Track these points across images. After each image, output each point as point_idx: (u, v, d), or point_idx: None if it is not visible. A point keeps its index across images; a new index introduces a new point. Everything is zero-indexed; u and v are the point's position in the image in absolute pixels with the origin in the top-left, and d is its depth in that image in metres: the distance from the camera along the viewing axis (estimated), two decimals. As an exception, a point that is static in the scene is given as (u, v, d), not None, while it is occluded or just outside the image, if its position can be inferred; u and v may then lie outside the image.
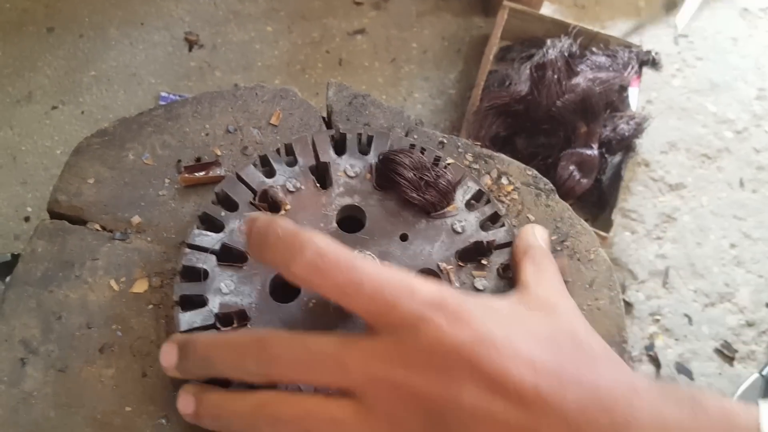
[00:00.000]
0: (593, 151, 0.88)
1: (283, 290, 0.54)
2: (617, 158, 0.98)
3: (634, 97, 1.02)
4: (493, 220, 0.58)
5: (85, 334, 0.52)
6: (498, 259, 0.56)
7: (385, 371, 0.40)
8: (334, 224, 0.55)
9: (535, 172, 0.63)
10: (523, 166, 0.63)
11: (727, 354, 1.04)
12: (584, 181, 0.87)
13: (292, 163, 0.58)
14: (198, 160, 0.60)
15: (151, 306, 0.53)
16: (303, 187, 0.57)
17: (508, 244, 0.57)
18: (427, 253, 0.55)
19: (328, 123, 0.64)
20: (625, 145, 0.98)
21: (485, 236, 0.56)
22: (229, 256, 0.53)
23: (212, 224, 0.55)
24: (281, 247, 0.43)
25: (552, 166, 0.84)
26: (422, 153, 0.58)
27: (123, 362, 0.51)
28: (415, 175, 0.55)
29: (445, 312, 0.41)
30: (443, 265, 0.55)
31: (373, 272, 0.42)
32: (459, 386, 0.40)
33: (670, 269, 1.09)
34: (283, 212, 0.55)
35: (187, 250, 0.53)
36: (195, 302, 0.51)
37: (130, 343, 0.52)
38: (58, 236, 0.55)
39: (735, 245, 1.12)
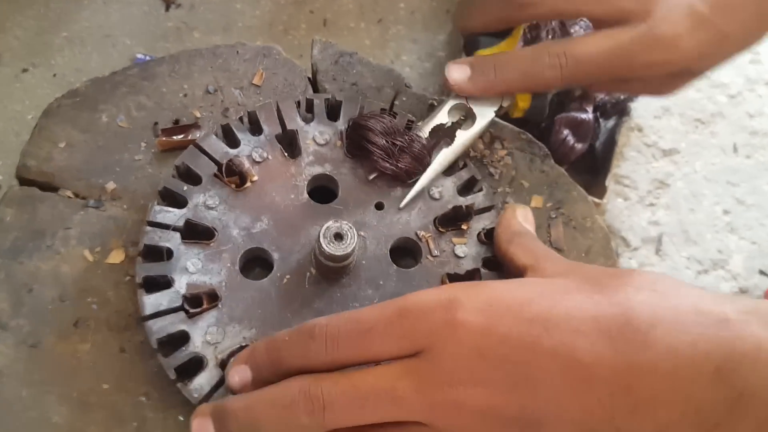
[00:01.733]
0: (588, 115, 0.85)
1: (254, 266, 0.52)
2: (611, 123, 0.96)
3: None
4: (471, 184, 0.56)
5: (58, 308, 0.49)
6: (478, 224, 0.54)
7: (443, 393, 0.37)
8: (306, 195, 0.53)
9: (530, 136, 0.60)
10: (518, 129, 0.60)
11: (719, 321, 1.03)
12: (579, 146, 0.85)
13: (256, 132, 0.54)
14: (176, 122, 0.57)
15: (128, 278, 0.51)
16: (270, 156, 0.53)
17: (488, 209, 0.54)
18: (405, 221, 0.53)
19: (314, 83, 0.61)
20: (619, 109, 0.96)
21: (463, 201, 0.54)
22: (194, 233, 0.50)
23: (174, 200, 0.51)
24: (294, 346, 0.41)
25: (544, 131, 0.81)
26: (394, 117, 0.55)
27: (99, 337, 0.49)
28: (387, 141, 0.52)
29: (472, 305, 0.38)
30: (422, 233, 0.53)
31: (376, 314, 0.39)
32: (529, 381, 0.37)
33: (663, 236, 1.07)
34: (249, 184, 0.52)
35: (148, 228, 0.49)
36: (160, 283, 0.48)
37: (106, 317, 0.49)
38: (28, 204, 0.52)
39: (728, 211, 1.10)
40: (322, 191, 0.54)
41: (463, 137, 0.55)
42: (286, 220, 0.51)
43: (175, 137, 0.55)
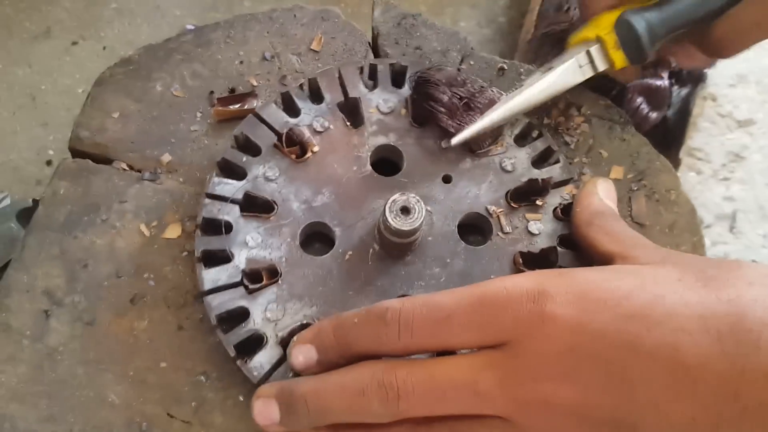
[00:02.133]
0: (663, 81, 0.80)
1: (315, 241, 0.49)
2: (684, 91, 0.90)
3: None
4: (546, 155, 0.51)
5: (114, 284, 0.47)
6: (554, 199, 0.50)
7: (529, 390, 0.35)
8: (369, 167, 0.49)
9: (609, 101, 0.56)
10: (595, 95, 0.56)
11: (796, 303, 0.98)
12: (653, 114, 0.79)
13: (317, 100, 0.51)
14: (232, 91, 0.54)
15: (185, 253, 0.48)
16: (332, 126, 0.50)
17: (566, 182, 0.50)
18: (474, 195, 0.49)
19: (375, 47, 0.57)
20: (696, 76, 0.90)
21: (539, 174, 0.50)
22: (253, 206, 0.47)
23: (233, 171, 0.49)
24: (364, 329, 0.38)
25: (616, 99, 0.76)
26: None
27: (157, 314, 0.47)
28: (451, 96, 0.48)
29: (563, 298, 0.35)
30: (492, 208, 0.49)
31: (454, 300, 0.37)
32: (625, 382, 0.34)
33: (737, 213, 1.02)
34: (309, 155, 0.49)
35: (207, 200, 0.47)
36: (219, 258, 0.46)
37: (163, 293, 0.47)
38: (82, 177, 0.50)
39: (807, 186, 1.04)
40: (386, 163, 0.51)
41: (540, 84, 0.49)
42: (348, 193, 0.48)
43: (231, 107, 0.53)
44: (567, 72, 0.49)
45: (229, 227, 0.47)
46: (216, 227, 0.47)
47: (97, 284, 0.47)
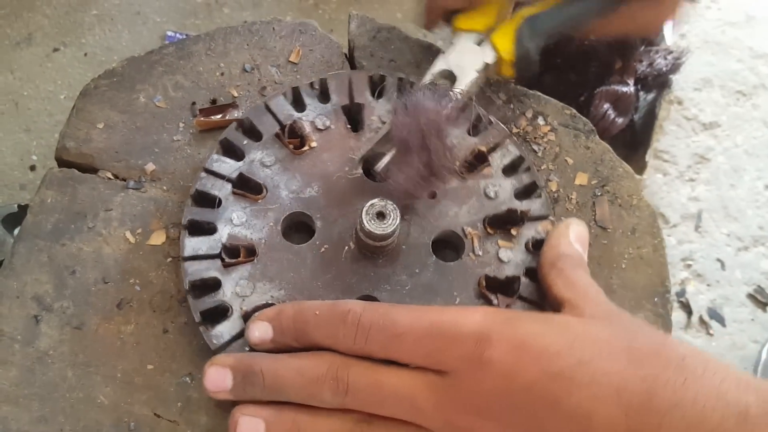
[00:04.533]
0: (629, 88, 0.83)
1: (296, 230, 0.52)
2: (651, 96, 0.93)
3: (669, 30, 0.97)
4: (530, 190, 0.53)
5: (101, 289, 0.49)
6: (528, 231, 0.52)
7: (459, 417, 0.39)
8: (360, 170, 0.52)
9: (574, 111, 0.59)
10: (561, 104, 0.59)
11: (760, 299, 1.02)
12: (620, 120, 0.82)
13: (325, 100, 0.54)
14: (214, 101, 0.56)
15: (170, 259, 0.50)
16: (333, 126, 0.53)
17: (543, 218, 0.52)
18: (454, 213, 0.51)
19: (351, 59, 0.59)
20: (661, 82, 0.93)
21: (519, 205, 0.52)
22: (245, 187, 0.50)
23: (233, 151, 0.52)
24: (324, 324, 0.42)
25: (584, 105, 0.79)
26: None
27: (143, 318, 0.49)
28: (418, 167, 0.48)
29: (503, 346, 0.38)
30: (469, 229, 0.51)
31: (410, 321, 0.40)
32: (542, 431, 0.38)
33: (702, 212, 1.05)
34: (307, 148, 0.52)
35: (204, 174, 0.50)
36: (203, 228, 0.49)
37: (149, 298, 0.49)
38: (68, 185, 0.52)
39: (770, 187, 1.08)
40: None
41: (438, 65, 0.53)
42: (336, 191, 0.51)
43: (213, 117, 0.54)
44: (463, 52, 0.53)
45: (218, 203, 0.50)
46: (207, 200, 0.49)
47: (85, 290, 0.49)
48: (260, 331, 0.43)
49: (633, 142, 0.90)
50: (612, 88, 0.81)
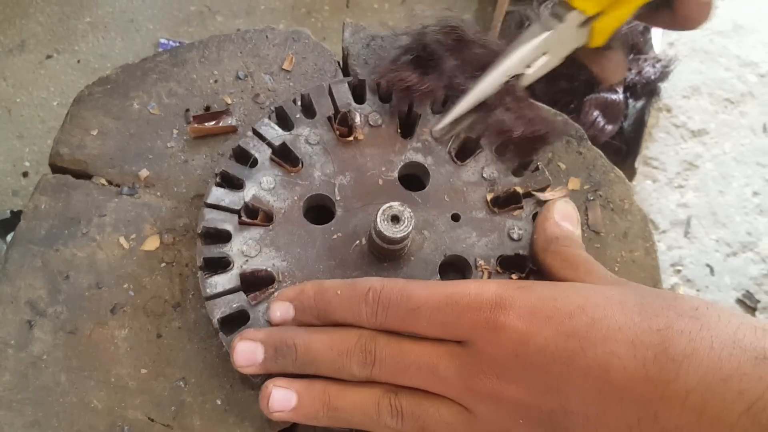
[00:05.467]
0: (618, 96, 0.84)
1: (316, 212, 0.53)
2: (640, 103, 0.94)
3: (658, 39, 0.98)
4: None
5: (95, 295, 0.49)
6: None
7: (480, 383, 0.40)
8: (395, 174, 0.52)
9: (566, 117, 0.60)
10: (553, 111, 0.59)
11: (749, 304, 1.02)
12: (609, 127, 0.83)
13: (386, 101, 0.55)
14: (207, 109, 0.56)
15: (163, 264, 0.51)
16: (385, 126, 0.54)
17: None
18: (471, 242, 0.51)
19: (345, 67, 0.60)
20: (649, 89, 0.94)
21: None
22: (283, 156, 0.52)
23: (284, 121, 0.54)
24: (346, 303, 0.43)
25: (574, 112, 0.80)
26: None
27: (136, 323, 0.49)
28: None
29: (516, 311, 0.39)
30: (481, 262, 0.50)
31: (426, 294, 0.41)
32: (561, 391, 0.38)
33: (692, 218, 1.07)
34: (352, 139, 0.53)
35: (250, 133, 0.52)
36: (232, 182, 0.51)
37: (143, 303, 0.50)
38: (62, 191, 0.52)
39: (758, 193, 1.09)
40: (413, 178, 0.54)
41: (517, 55, 0.52)
42: (366, 186, 0.52)
43: (206, 124, 0.55)
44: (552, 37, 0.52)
45: (254, 163, 0.51)
46: (244, 158, 0.51)
47: (79, 295, 0.49)
48: (281, 310, 0.45)
49: (622, 148, 0.91)
50: (601, 96, 0.82)
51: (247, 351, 0.43)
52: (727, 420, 0.34)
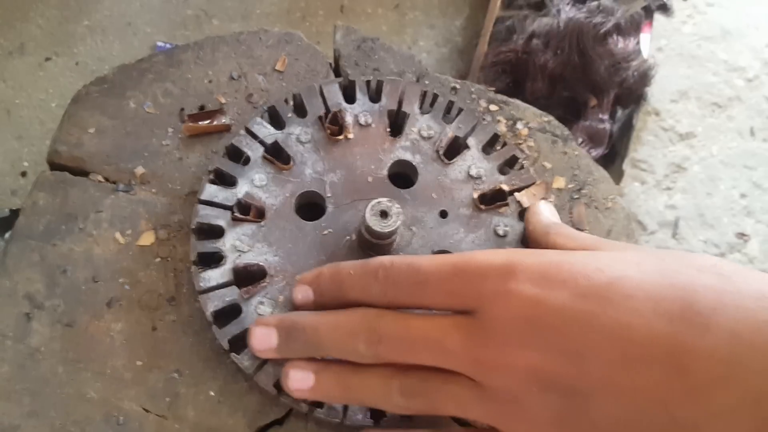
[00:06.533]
0: (604, 124, 0.86)
1: (307, 208, 0.54)
2: (628, 108, 0.96)
3: (646, 44, 1.00)
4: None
5: (91, 288, 0.51)
6: None
7: (490, 352, 0.38)
8: (385, 172, 0.54)
9: (551, 118, 0.61)
10: (539, 111, 0.61)
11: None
12: (594, 152, 0.86)
13: (376, 100, 0.57)
14: (202, 108, 0.58)
15: (158, 259, 0.52)
16: (374, 125, 0.55)
17: None
18: (459, 239, 0.52)
19: (336, 69, 0.61)
20: (635, 98, 0.96)
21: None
22: (275, 154, 0.53)
23: (276, 120, 0.55)
24: (358, 281, 0.43)
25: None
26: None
27: (132, 316, 0.50)
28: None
29: (526, 275, 0.38)
30: None
31: (434, 266, 0.40)
32: (579, 354, 0.35)
33: (680, 220, 1.08)
34: (342, 138, 0.54)
35: (242, 132, 0.54)
36: (225, 179, 0.52)
37: (138, 297, 0.51)
38: (60, 188, 0.54)
39: (745, 195, 1.11)
40: (402, 176, 0.55)
41: None
42: (356, 184, 0.53)
43: (201, 123, 0.56)
44: None
45: (247, 161, 0.52)
46: (237, 155, 0.53)
47: (76, 289, 0.50)
48: (302, 293, 0.45)
49: (611, 151, 0.93)
50: (588, 124, 0.84)
51: (262, 335, 0.44)
52: (760, 370, 0.32)
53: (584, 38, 0.89)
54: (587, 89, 0.87)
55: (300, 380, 0.44)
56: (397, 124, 0.56)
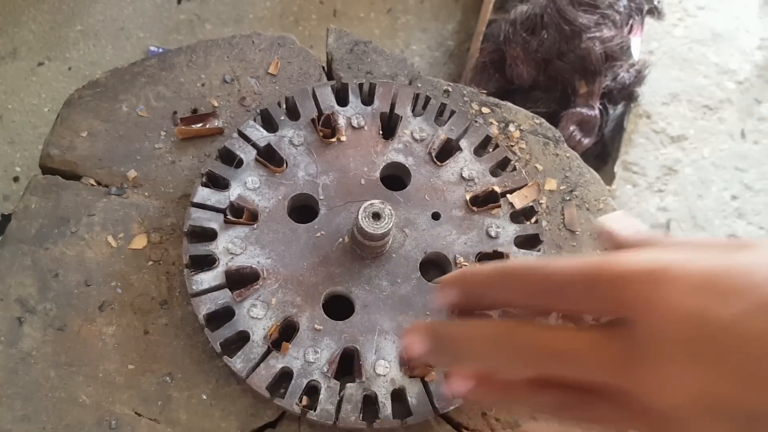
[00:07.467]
0: (594, 111, 0.86)
1: (300, 211, 0.54)
2: (619, 109, 0.96)
3: (637, 47, 1.00)
4: (533, 242, 0.55)
5: (83, 292, 0.51)
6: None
7: (649, 372, 0.33)
8: (377, 174, 0.54)
9: (543, 120, 0.61)
10: (531, 114, 0.61)
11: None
12: (585, 140, 0.86)
13: (368, 103, 0.57)
14: (194, 111, 0.58)
15: (150, 262, 0.52)
16: (367, 128, 0.55)
17: None
18: (451, 240, 0.53)
19: (329, 72, 0.62)
20: (626, 95, 0.96)
21: (514, 252, 0.54)
22: (268, 157, 0.53)
23: (269, 122, 0.55)
24: (497, 289, 0.41)
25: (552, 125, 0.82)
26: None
27: (124, 320, 0.50)
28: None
29: (680, 283, 0.32)
30: (460, 259, 0.53)
31: (569, 271, 0.36)
32: (761, 376, 0.30)
33: (671, 222, 1.09)
34: (335, 140, 0.54)
35: (235, 135, 0.53)
36: (218, 182, 0.52)
37: (130, 300, 0.51)
38: (52, 192, 0.54)
39: (736, 197, 1.11)
40: (394, 178, 0.55)
41: None
42: (349, 186, 0.53)
43: (193, 126, 0.56)
44: None
45: (240, 163, 0.52)
46: (229, 158, 0.53)
47: (68, 292, 0.50)
48: (444, 297, 0.44)
49: (602, 153, 0.93)
50: (577, 110, 0.84)
51: (414, 342, 0.43)
52: None
53: (561, 3, 0.88)
54: (576, 72, 0.86)
55: (459, 386, 0.43)
56: (389, 126, 0.56)
